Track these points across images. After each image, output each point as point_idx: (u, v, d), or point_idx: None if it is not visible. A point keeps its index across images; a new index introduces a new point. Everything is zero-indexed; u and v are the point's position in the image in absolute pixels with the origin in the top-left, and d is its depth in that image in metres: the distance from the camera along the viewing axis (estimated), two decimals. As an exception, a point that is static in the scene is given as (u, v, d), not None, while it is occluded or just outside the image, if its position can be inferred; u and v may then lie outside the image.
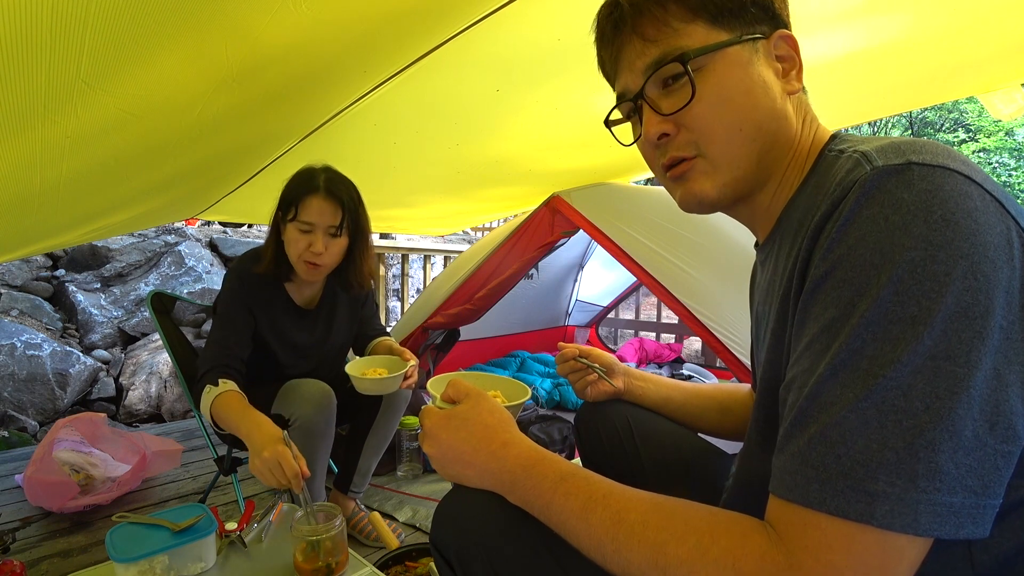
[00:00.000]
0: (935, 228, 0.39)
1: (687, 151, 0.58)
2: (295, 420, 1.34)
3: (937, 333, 0.38)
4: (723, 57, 0.55)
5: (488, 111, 1.64)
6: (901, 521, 0.38)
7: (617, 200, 2.02)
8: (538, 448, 0.59)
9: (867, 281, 0.41)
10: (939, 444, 0.38)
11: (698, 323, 1.61)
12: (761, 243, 0.65)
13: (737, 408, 0.89)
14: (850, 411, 0.40)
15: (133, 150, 1.18)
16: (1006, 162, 10.75)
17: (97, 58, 0.75)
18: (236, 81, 1.02)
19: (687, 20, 0.55)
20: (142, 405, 3.58)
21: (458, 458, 0.60)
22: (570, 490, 0.53)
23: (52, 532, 1.61)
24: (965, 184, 0.41)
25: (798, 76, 0.58)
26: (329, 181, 1.37)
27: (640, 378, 0.95)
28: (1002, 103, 1.67)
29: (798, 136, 0.58)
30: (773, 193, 0.60)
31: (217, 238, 4.83)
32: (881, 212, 0.41)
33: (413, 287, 5.22)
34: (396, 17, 1.03)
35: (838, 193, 0.45)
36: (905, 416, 0.38)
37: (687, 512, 0.48)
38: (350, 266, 1.48)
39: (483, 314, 2.32)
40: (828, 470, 0.40)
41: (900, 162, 0.43)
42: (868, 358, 0.40)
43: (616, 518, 0.49)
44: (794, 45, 0.58)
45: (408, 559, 1.30)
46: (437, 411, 0.65)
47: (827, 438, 0.41)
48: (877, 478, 0.38)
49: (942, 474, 0.38)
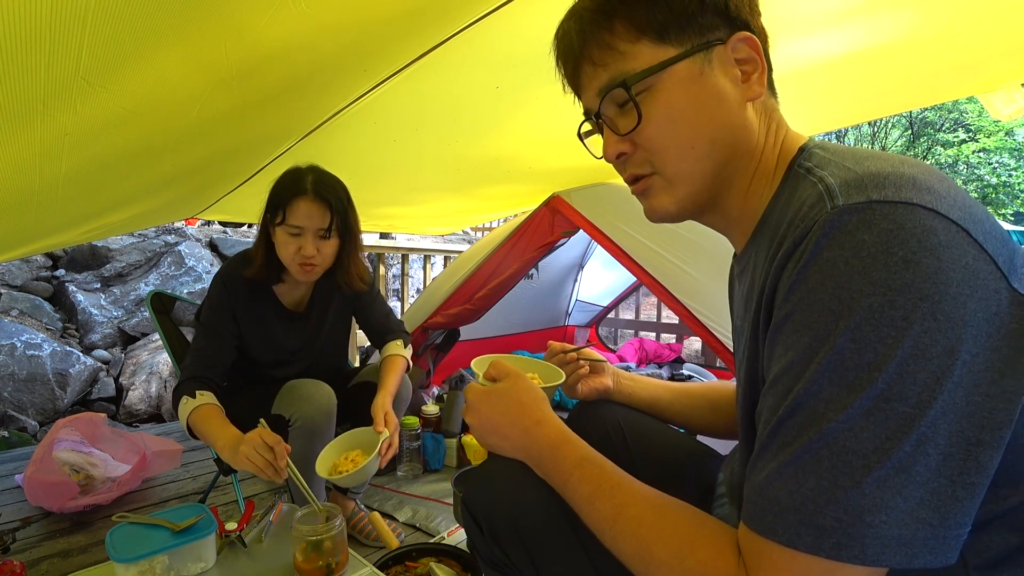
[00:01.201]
0: (894, 271, 0.39)
1: (643, 169, 0.59)
2: (296, 420, 1.34)
3: (891, 376, 0.39)
4: (669, 76, 0.54)
5: (488, 109, 1.64)
6: (848, 553, 0.40)
7: (617, 200, 2.02)
8: (566, 430, 0.64)
9: (826, 327, 0.42)
10: (886, 481, 0.39)
11: (698, 323, 1.61)
12: (739, 254, 0.65)
13: (728, 406, 0.89)
14: (804, 451, 0.42)
15: (133, 148, 1.18)
16: (1006, 162, 10.75)
17: (96, 55, 0.75)
18: (236, 79, 1.02)
19: (632, 40, 0.55)
20: (142, 405, 3.58)
21: (495, 430, 0.67)
22: (584, 475, 0.58)
23: (52, 532, 1.61)
24: (929, 219, 0.40)
25: (760, 79, 0.55)
26: (316, 183, 1.34)
27: (628, 378, 0.96)
28: (1002, 103, 1.67)
29: (761, 144, 0.57)
30: (742, 202, 0.59)
31: (217, 238, 4.83)
32: (841, 255, 0.41)
33: (413, 287, 5.22)
34: (396, 16, 1.03)
35: (800, 231, 0.45)
36: (855, 456, 0.40)
37: (679, 517, 0.52)
38: (338, 268, 1.45)
39: (483, 314, 2.32)
40: (781, 504, 0.43)
41: (861, 200, 0.42)
42: (824, 401, 0.41)
43: (616, 511, 0.54)
44: (755, 47, 0.55)
45: (408, 559, 1.30)
46: (479, 387, 0.72)
47: (782, 474, 0.43)
48: (825, 513, 0.40)
49: (889, 508, 0.39)
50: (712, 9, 0.54)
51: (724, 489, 0.74)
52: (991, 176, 10.77)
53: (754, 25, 0.57)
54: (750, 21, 0.56)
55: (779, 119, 0.59)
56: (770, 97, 0.59)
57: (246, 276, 1.41)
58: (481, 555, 0.73)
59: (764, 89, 0.56)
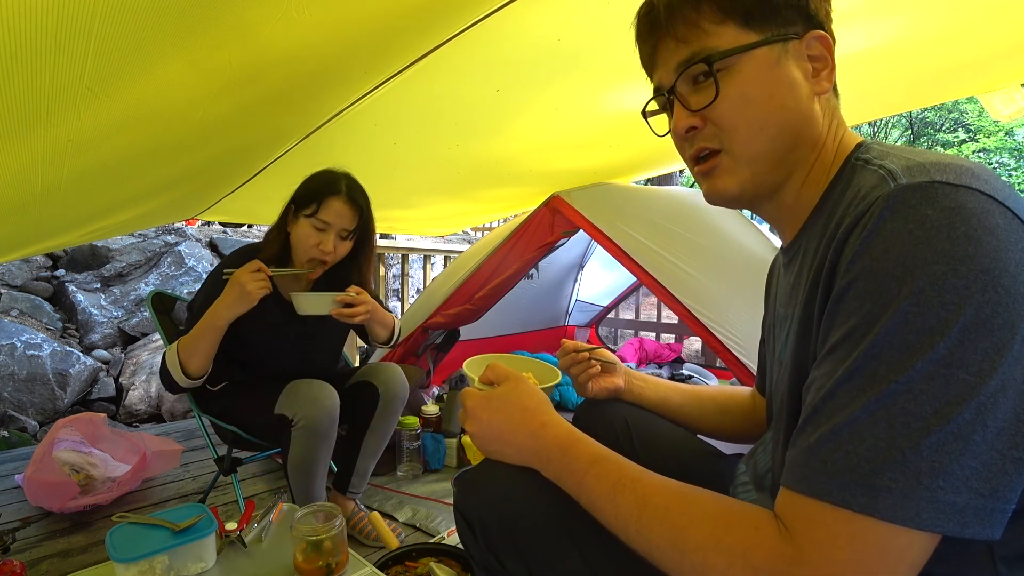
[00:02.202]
0: (957, 243, 0.41)
1: (712, 143, 0.61)
2: (299, 421, 1.34)
3: (952, 343, 0.40)
4: (749, 59, 0.57)
5: (488, 111, 1.64)
6: (903, 514, 0.39)
7: (617, 200, 2.02)
8: (574, 430, 0.63)
9: (889, 293, 0.42)
10: (944, 446, 0.39)
11: (698, 323, 1.61)
12: (786, 245, 0.66)
13: (736, 410, 0.89)
14: (862, 411, 0.42)
15: (135, 152, 1.19)
16: (1006, 162, 10.75)
17: (101, 64, 0.76)
18: (238, 85, 1.02)
19: (718, 22, 0.58)
20: (142, 405, 3.58)
21: (497, 436, 0.66)
22: (601, 472, 0.57)
23: (52, 532, 1.61)
24: (988, 203, 0.42)
25: (828, 77, 0.59)
26: (351, 187, 1.44)
27: (639, 378, 0.96)
28: (1002, 103, 1.67)
29: (823, 138, 0.59)
30: (797, 193, 0.61)
31: (217, 238, 4.83)
32: (905, 227, 0.43)
33: (413, 287, 5.22)
34: (396, 18, 1.03)
35: (862, 207, 0.46)
36: (914, 419, 0.40)
37: (707, 501, 0.51)
38: (355, 269, 1.54)
39: (483, 314, 2.32)
40: (836, 464, 0.42)
41: (924, 180, 0.44)
42: (885, 364, 0.41)
43: (642, 501, 0.53)
44: (828, 46, 0.58)
45: (408, 559, 1.30)
46: (477, 392, 0.69)
47: (837, 435, 0.43)
48: (882, 473, 0.40)
49: (946, 474, 0.39)
50: (794, 5, 0.58)
51: (748, 478, 0.74)
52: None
53: (828, 28, 0.60)
54: (825, 23, 0.60)
55: (840, 118, 0.61)
56: (833, 96, 0.62)
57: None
58: (475, 560, 0.71)
59: (831, 86, 0.59)
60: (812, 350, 0.52)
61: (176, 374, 1.33)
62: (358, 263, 1.54)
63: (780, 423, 0.61)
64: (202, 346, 1.33)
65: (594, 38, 1.25)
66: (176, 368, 1.33)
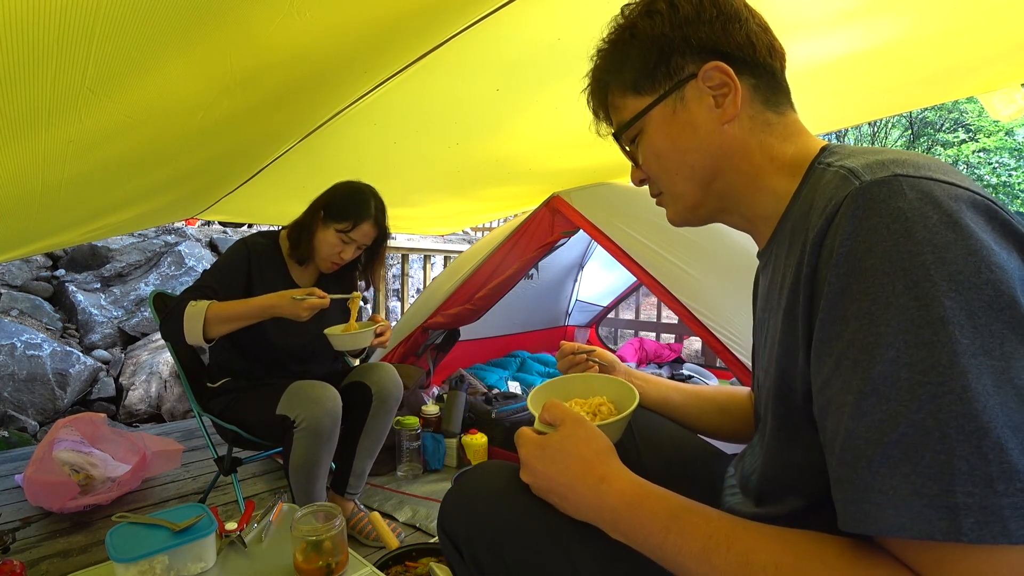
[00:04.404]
0: (937, 231, 0.40)
1: (654, 189, 0.71)
2: (301, 421, 1.34)
3: (969, 330, 0.38)
4: (649, 120, 0.64)
5: (488, 111, 1.64)
6: (991, 531, 0.35)
7: (617, 200, 2.02)
8: (641, 482, 0.57)
9: (883, 289, 0.41)
10: (1005, 443, 0.36)
11: (698, 323, 1.61)
12: (760, 250, 0.67)
13: (737, 410, 0.89)
14: (908, 428, 0.38)
15: (135, 153, 1.19)
16: (1006, 162, 10.74)
17: (102, 66, 0.76)
18: (239, 86, 1.02)
19: (623, 96, 0.66)
20: (142, 405, 3.58)
21: (553, 490, 0.60)
22: (685, 529, 0.50)
23: (52, 532, 1.61)
24: (952, 189, 0.43)
25: (733, 102, 0.59)
26: (378, 210, 1.59)
27: (640, 378, 0.96)
28: (1002, 103, 1.67)
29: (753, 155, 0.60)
30: (753, 204, 0.63)
31: (217, 238, 4.83)
32: (882, 221, 0.42)
33: (413, 287, 5.22)
34: (396, 19, 1.03)
35: (831, 207, 0.46)
36: (967, 420, 0.36)
37: (822, 551, 0.45)
38: (370, 270, 1.74)
39: (483, 314, 2.32)
40: (898, 492, 0.38)
41: (887, 175, 0.44)
42: (907, 366, 0.39)
43: (743, 559, 0.46)
44: (725, 71, 0.58)
45: (408, 559, 1.30)
46: (532, 438, 0.63)
47: (890, 460, 0.39)
48: (954, 490, 0.36)
49: (1017, 472, 0.36)
50: (676, 52, 0.60)
51: (735, 481, 0.73)
52: (991, 176, 10.76)
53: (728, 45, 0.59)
54: (725, 45, 0.59)
55: (787, 127, 0.61)
56: (767, 111, 0.61)
57: (266, 244, 1.61)
58: None
59: (737, 110, 0.59)
60: (800, 362, 0.50)
61: (194, 330, 1.37)
62: (372, 266, 1.73)
63: (765, 425, 0.61)
64: (234, 323, 1.41)
65: (594, 38, 1.25)
66: (198, 326, 1.37)
